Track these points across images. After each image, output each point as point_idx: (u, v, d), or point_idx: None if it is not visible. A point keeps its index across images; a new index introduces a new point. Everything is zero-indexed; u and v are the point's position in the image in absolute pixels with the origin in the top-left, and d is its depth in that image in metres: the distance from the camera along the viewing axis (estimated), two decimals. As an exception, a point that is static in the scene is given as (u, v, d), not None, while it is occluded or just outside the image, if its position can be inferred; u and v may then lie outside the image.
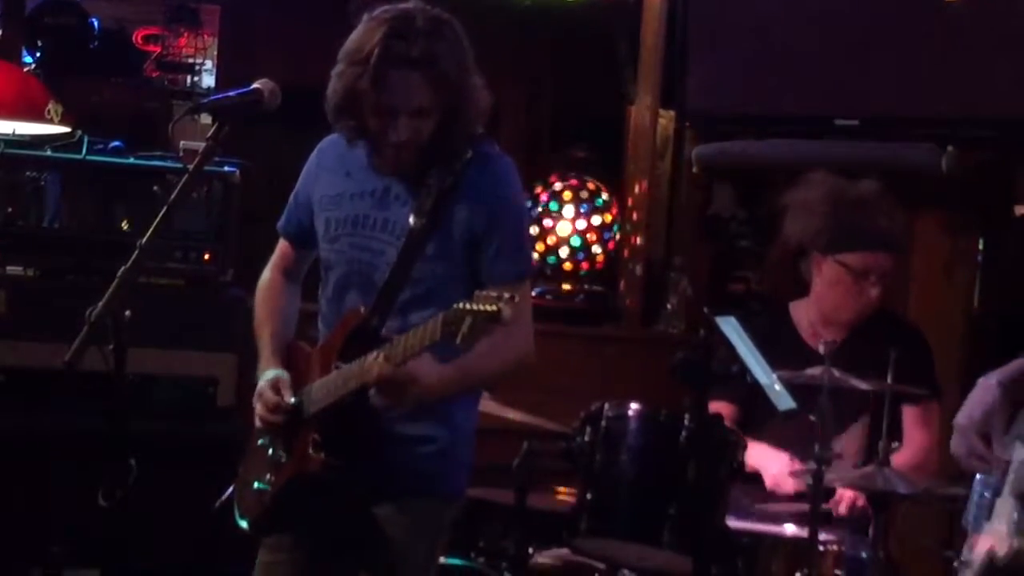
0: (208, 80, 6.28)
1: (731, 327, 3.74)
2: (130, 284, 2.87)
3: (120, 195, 4.89)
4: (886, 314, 4.37)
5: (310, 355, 3.32)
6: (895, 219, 4.28)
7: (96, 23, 6.21)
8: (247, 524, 3.37)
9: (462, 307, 2.82)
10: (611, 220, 6.02)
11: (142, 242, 2.91)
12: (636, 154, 6.11)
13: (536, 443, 3.80)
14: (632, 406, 3.59)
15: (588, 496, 3.56)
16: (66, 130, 5.18)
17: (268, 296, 3.48)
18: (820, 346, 3.82)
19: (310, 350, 3.34)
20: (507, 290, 2.86)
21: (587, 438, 3.58)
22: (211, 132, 3.02)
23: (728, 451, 3.52)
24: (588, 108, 6.51)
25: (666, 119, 6.07)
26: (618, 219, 6.05)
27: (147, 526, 4.44)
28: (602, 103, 6.37)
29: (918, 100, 5.16)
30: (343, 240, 3.29)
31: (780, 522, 3.92)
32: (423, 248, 3.18)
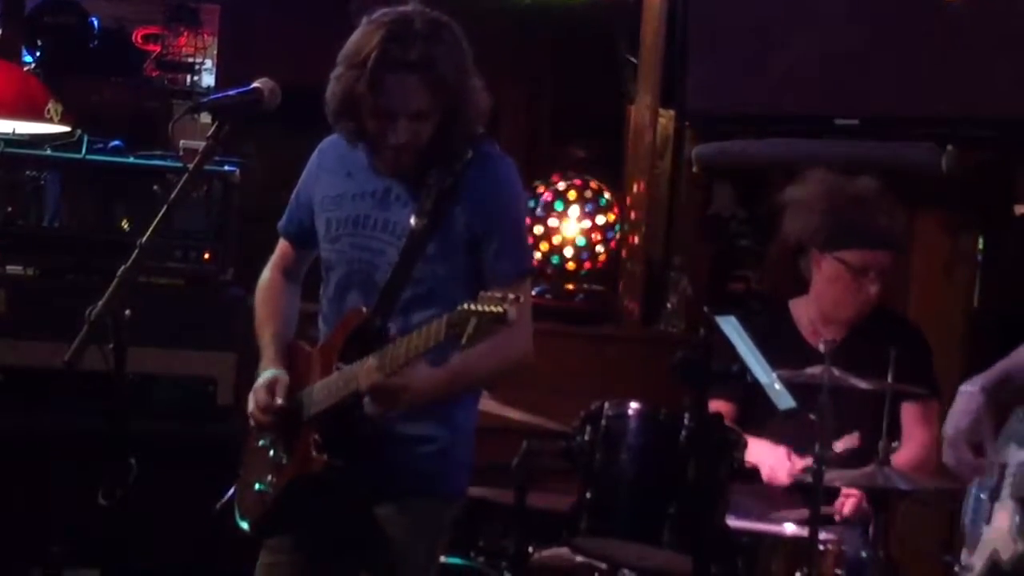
0: (208, 79, 6.29)
1: (731, 326, 3.73)
2: (130, 283, 2.87)
3: (120, 194, 4.89)
4: (886, 312, 4.37)
5: (311, 355, 3.32)
6: (894, 216, 4.29)
7: (96, 22, 6.22)
8: (248, 525, 3.37)
9: (467, 308, 2.82)
10: (614, 220, 6.01)
11: (142, 241, 2.91)
12: (636, 153, 6.09)
13: (536, 442, 3.81)
14: (632, 405, 3.59)
15: (588, 495, 3.56)
16: (66, 129, 5.18)
17: (268, 296, 3.48)
18: (820, 344, 3.83)
19: (311, 350, 3.34)
20: (508, 289, 2.86)
21: (587, 437, 3.58)
22: (211, 131, 3.02)
23: (728, 450, 3.52)
24: (588, 108, 6.51)
25: (666, 119, 6.06)
26: (619, 219, 6.05)
27: (147, 526, 4.43)
28: (602, 103, 6.36)
29: (918, 100, 5.15)
30: (344, 240, 3.29)
31: (780, 522, 3.92)
32: (424, 248, 3.18)
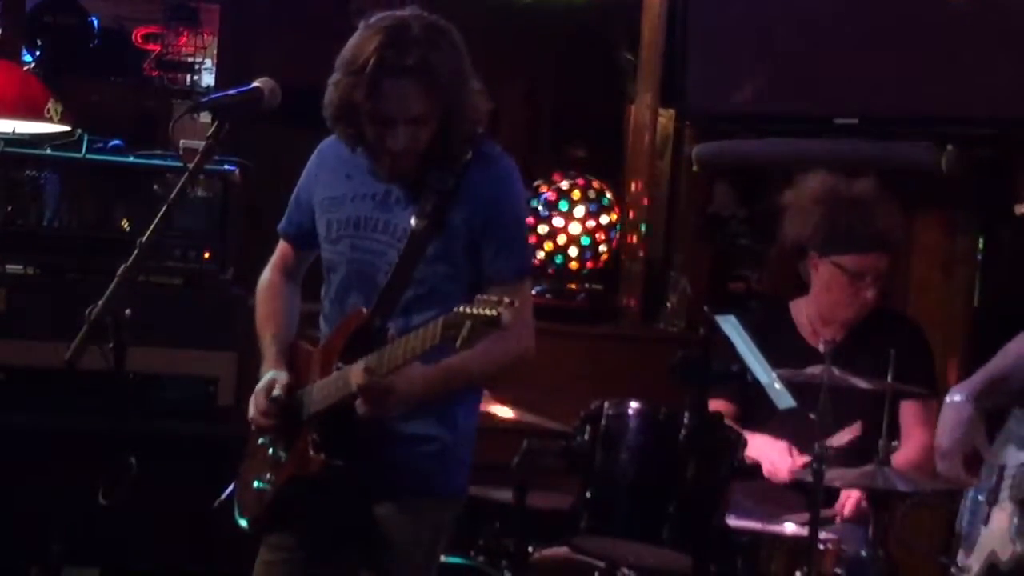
0: (208, 79, 6.29)
1: (731, 326, 3.73)
2: (130, 283, 2.87)
3: (120, 194, 4.88)
4: (885, 312, 4.37)
5: (311, 355, 3.32)
6: (891, 218, 4.28)
7: (96, 22, 6.22)
8: (247, 523, 3.37)
9: (462, 311, 2.82)
10: (616, 219, 6.01)
11: (142, 241, 2.91)
12: (636, 153, 6.09)
13: (536, 442, 3.81)
14: (632, 405, 3.59)
15: (588, 495, 3.56)
16: (66, 129, 5.18)
17: (269, 297, 3.48)
18: (820, 345, 3.83)
19: (312, 350, 3.34)
20: (507, 289, 2.87)
21: (587, 437, 3.59)
22: (211, 131, 3.02)
23: (728, 450, 3.53)
24: (588, 108, 6.51)
25: (666, 118, 6.06)
26: (620, 218, 6.04)
27: (147, 525, 4.46)
28: (602, 102, 6.37)
29: (918, 99, 5.15)
30: (345, 242, 3.29)
31: (780, 521, 3.92)
32: (424, 250, 3.18)
